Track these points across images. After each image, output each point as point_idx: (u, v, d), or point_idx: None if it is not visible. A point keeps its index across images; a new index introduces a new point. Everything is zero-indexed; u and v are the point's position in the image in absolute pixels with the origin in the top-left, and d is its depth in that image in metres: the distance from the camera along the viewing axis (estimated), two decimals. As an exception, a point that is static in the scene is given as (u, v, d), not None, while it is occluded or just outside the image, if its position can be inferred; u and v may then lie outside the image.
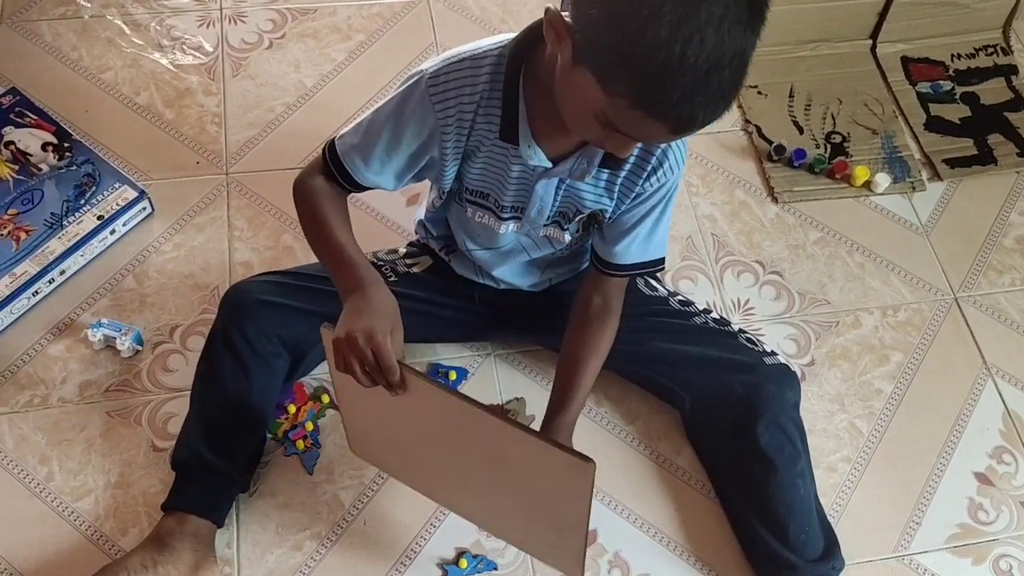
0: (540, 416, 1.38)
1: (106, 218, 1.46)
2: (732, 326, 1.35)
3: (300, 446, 1.34)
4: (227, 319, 1.23)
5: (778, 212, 1.66)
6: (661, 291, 1.36)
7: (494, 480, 1.12)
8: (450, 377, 1.41)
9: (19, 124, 1.54)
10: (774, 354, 1.32)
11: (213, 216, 1.55)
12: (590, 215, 1.15)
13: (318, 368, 1.36)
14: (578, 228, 1.18)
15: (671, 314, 1.34)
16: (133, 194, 1.49)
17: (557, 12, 0.88)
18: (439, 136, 1.05)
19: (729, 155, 1.72)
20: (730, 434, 1.29)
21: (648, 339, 1.31)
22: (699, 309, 1.36)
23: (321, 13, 1.81)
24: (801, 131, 1.75)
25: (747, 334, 1.35)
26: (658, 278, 1.40)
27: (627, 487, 1.36)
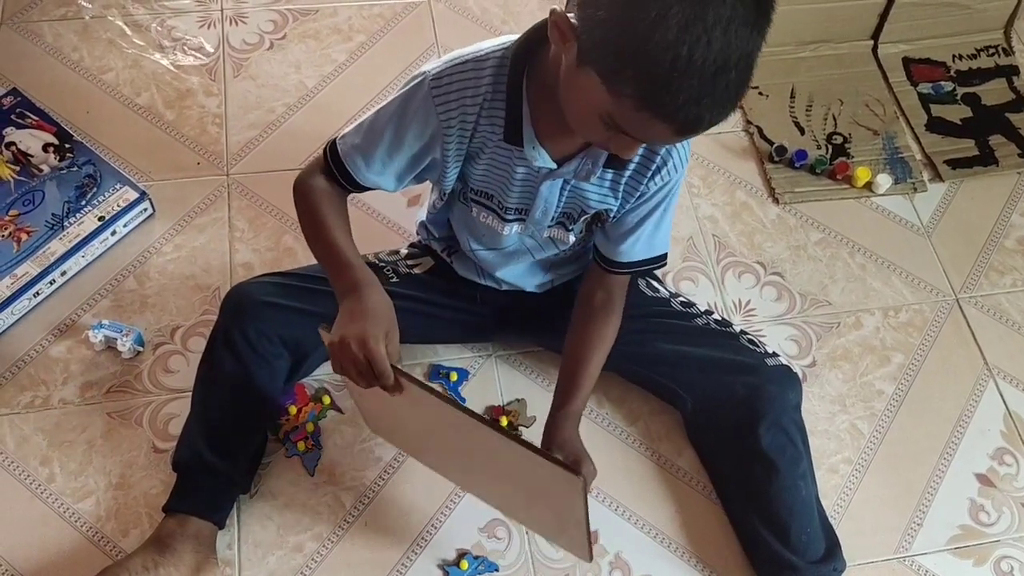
0: (541, 417, 1.39)
1: (107, 219, 1.46)
2: (734, 327, 1.35)
3: (301, 447, 1.33)
4: (228, 320, 1.23)
5: (779, 213, 1.66)
6: (663, 292, 1.36)
7: (496, 474, 1.14)
8: (451, 378, 1.41)
9: (20, 125, 1.54)
10: (775, 355, 1.32)
11: (214, 217, 1.54)
12: (594, 215, 1.15)
13: (319, 369, 1.36)
14: (583, 228, 1.18)
15: (673, 315, 1.34)
16: (134, 195, 1.49)
17: (562, 13, 0.88)
18: (441, 138, 1.05)
19: (730, 156, 1.72)
20: (731, 435, 1.29)
21: (650, 340, 1.31)
22: (701, 310, 1.36)
23: (322, 14, 1.81)
24: (802, 132, 1.75)
25: (748, 335, 1.34)
26: (659, 279, 1.40)
27: (628, 488, 1.36)
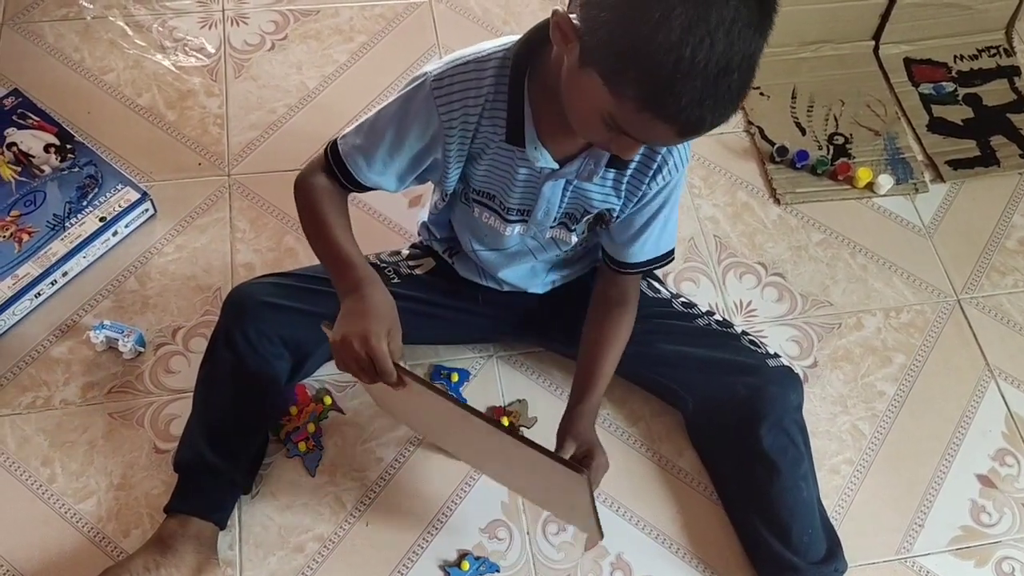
0: (543, 417, 1.39)
1: (108, 220, 1.46)
2: (735, 328, 1.35)
3: (302, 448, 1.33)
4: (229, 321, 1.23)
5: (780, 214, 1.66)
6: (664, 293, 1.36)
7: (505, 462, 1.16)
8: (452, 379, 1.41)
9: (21, 125, 1.54)
10: (777, 356, 1.32)
11: (215, 218, 1.54)
12: (597, 215, 1.15)
13: (320, 370, 1.36)
14: (585, 229, 1.18)
15: (674, 316, 1.34)
16: (135, 196, 1.49)
17: (564, 14, 0.88)
18: (443, 138, 1.05)
19: (731, 156, 1.72)
20: (733, 436, 1.29)
21: (651, 340, 1.31)
22: (702, 311, 1.36)
23: (323, 14, 1.81)
24: (803, 132, 1.75)
25: (750, 336, 1.34)
26: (660, 279, 1.40)
27: (629, 489, 1.36)
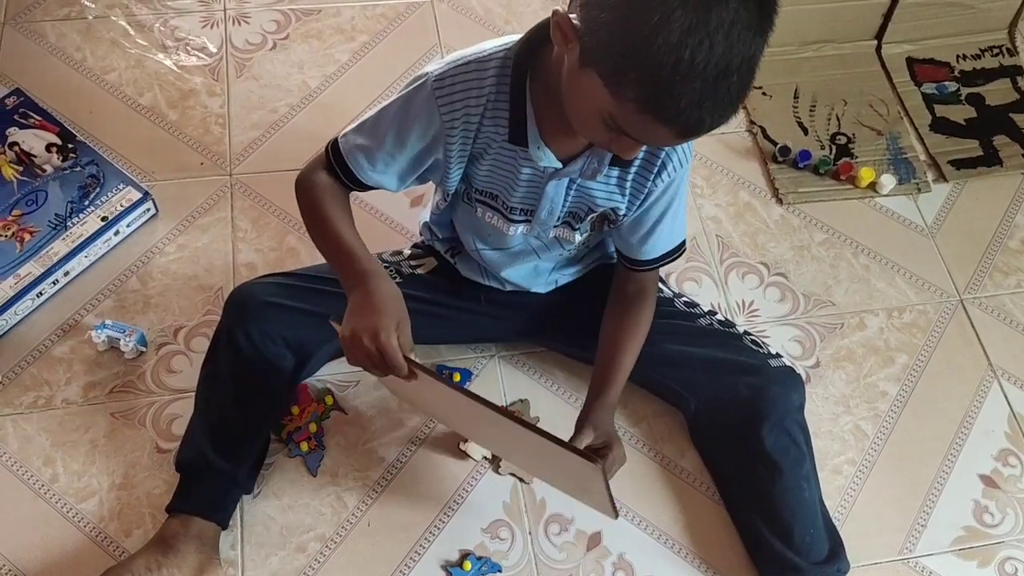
0: (545, 417, 1.39)
1: (110, 219, 1.46)
2: (737, 328, 1.35)
3: (304, 447, 1.33)
4: (231, 320, 1.23)
5: (783, 213, 1.66)
6: (666, 292, 1.36)
7: (519, 449, 1.17)
8: (454, 379, 1.41)
9: (23, 125, 1.54)
10: (779, 356, 1.32)
11: (217, 217, 1.54)
12: (601, 215, 1.14)
13: (323, 369, 1.36)
14: (588, 228, 1.18)
15: (676, 315, 1.33)
16: (137, 195, 1.49)
17: (565, 15, 0.87)
18: (444, 139, 1.05)
19: (734, 156, 1.72)
20: (735, 436, 1.29)
21: (654, 340, 1.30)
22: (704, 311, 1.36)
23: (325, 14, 1.81)
24: (806, 132, 1.75)
25: (752, 336, 1.34)
26: (663, 279, 1.40)
27: (632, 489, 1.35)
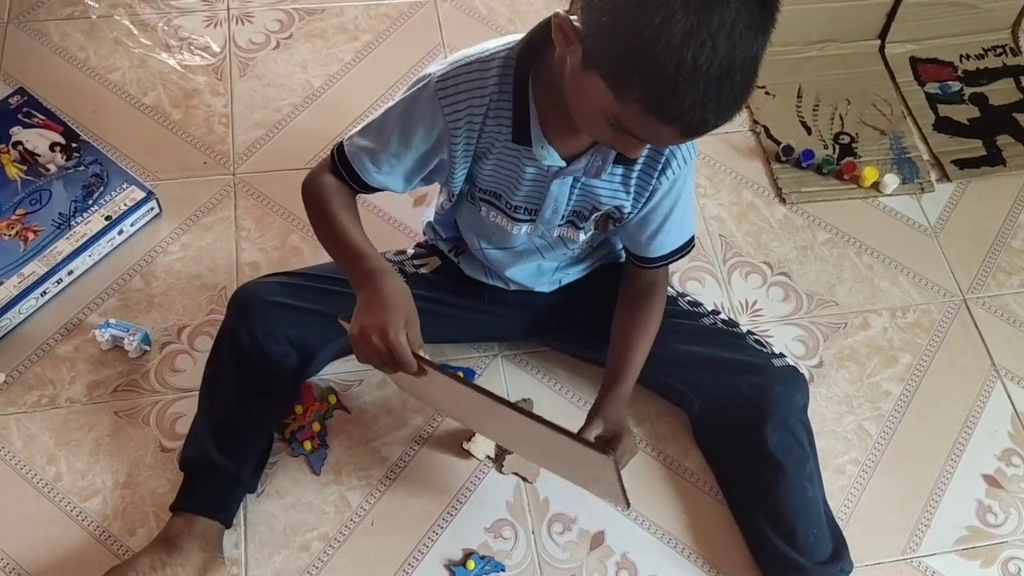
0: (547, 416, 1.38)
1: (114, 218, 1.46)
2: (740, 327, 1.35)
3: (307, 447, 1.33)
4: (235, 320, 1.23)
5: (786, 213, 1.66)
6: (670, 291, 1.35)
7: (530, 441, 1.17)
8: (457, 378, 1.41)
9: (27, 124, 1.54)
10: (782, 356, 1.32)
11: (220, 216, 1.55)
12: (605, 213, 1.14)
13: (326, 369, 1.36)
14: (593, 227, 1.18)
15: (680, 315, 1.33)
16: (141, 194, 1.49)
17: (566, 16, 0.87)
18: (448, 139, 1.05)
19: (737, 156, 1.72)
20: (738, 436, 1.29)
21: (657, 340, 1.30)
22: (708, 310, 1.36)
23: (328, 13, 1.81)
24: (809, 132, 1.75)
25: (755, 335, 1.34)
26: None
27: (635, 489, 1.35)
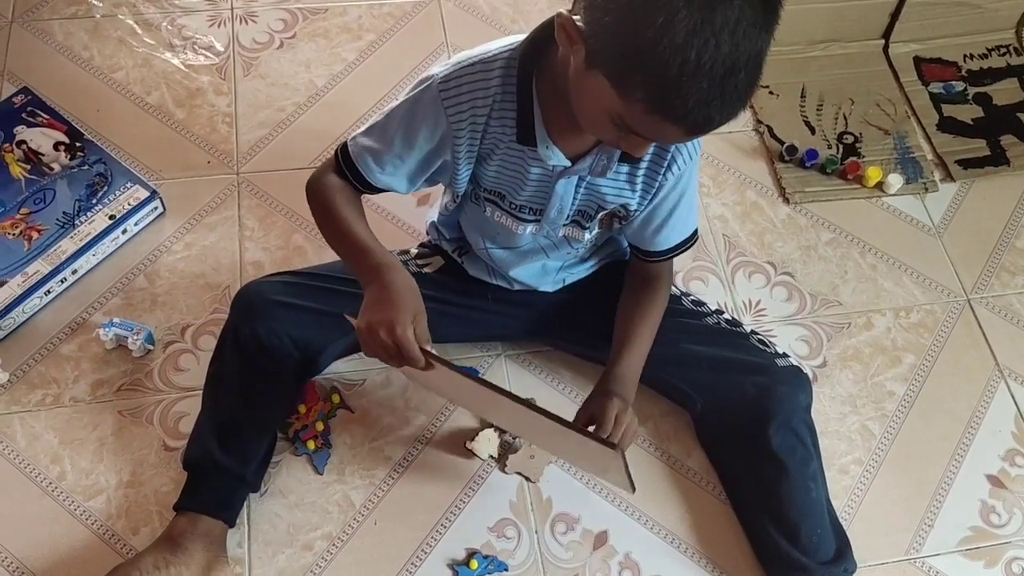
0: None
1: (118, 218, 1.46)
2: (744, 327, 1.35)
3: (311, 446, 1.34)
4: (239, 319, 1.23)
5: (790, 213, 1.66)
6: (673, 290, 1.35)
7: (538, 431, 1.17)
8: (461, 377, 1.41)
9: (31, 123, 1.54)
10: (786, 356, 1.32)
11: (224, 216, 1.55)
12: (611, 212, 1.14)
13: (330, 368, 1.36)
14: (598, 226, 1.18)
15: (683, 314, 1.33)
16: (145, 194, 1.49)
17: (569, 16, 0.87)
18: (452, 140, 1.05)
19: (740, 155, 1.72)
20: (741, 436, 1.29)
21: (660, 339, 1.30)
22: (711, 310, 1.36)
23: (332, 13, 1.81)
24: (813, 131, 1.75)
25: (759, 335, 1.34)
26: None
27: (638, 488, 1.34)
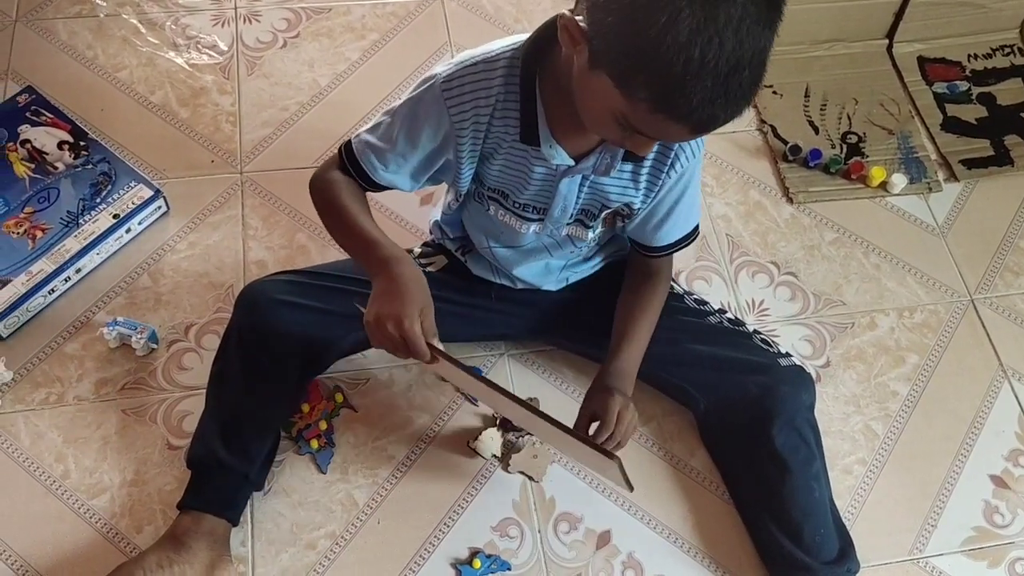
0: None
1: (122, 217, 1.46)
2: (747, 327, 1.35)
3: (314, 445, 1.34)
4: (242, 318, 1.24)
5: (793, 212, 1.66)
6: (676, 289, 1.36)
7: (540, 429, 1.18)
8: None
9: (35, 123, 1.54)
10: (789, 355, 1.32)
11: (228, 215, 1.55)
12: (614, 211, 1.14)
13: (333, 367, 1.36)
14: (601, 225, 1.18)
15: (686, 313, 1.33)
16: (148, 193, 1.49)
17: (571, 17, 0.87)
18: (455, 139, 1.05)
19: (744, 155, 1.72)
20: (744, 436, 1.29)
21: (663, 339, 1.30)
22: (714, 309, 1.36)
23: (335, 12, 1.81)
24: (816, 131, 1.75)
25: (762, 335, 1.34)
26: (673, 278, 1.39)
27: (641, 488, 1.35)
